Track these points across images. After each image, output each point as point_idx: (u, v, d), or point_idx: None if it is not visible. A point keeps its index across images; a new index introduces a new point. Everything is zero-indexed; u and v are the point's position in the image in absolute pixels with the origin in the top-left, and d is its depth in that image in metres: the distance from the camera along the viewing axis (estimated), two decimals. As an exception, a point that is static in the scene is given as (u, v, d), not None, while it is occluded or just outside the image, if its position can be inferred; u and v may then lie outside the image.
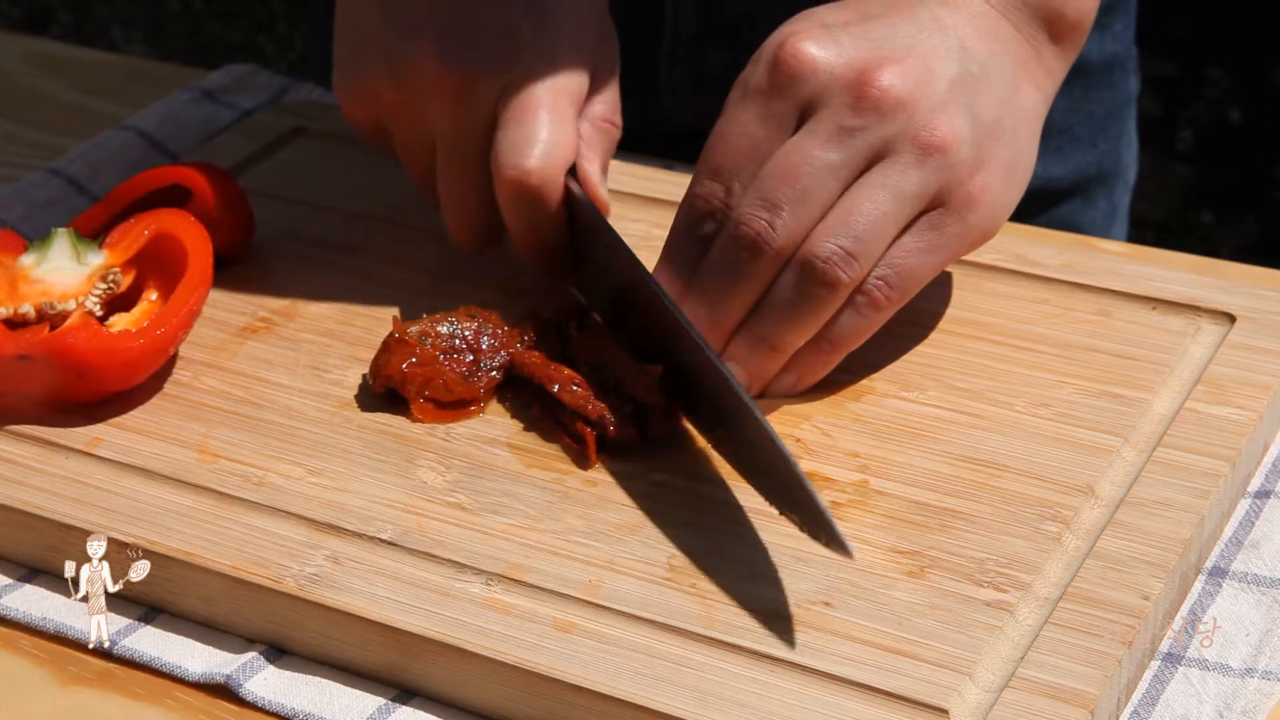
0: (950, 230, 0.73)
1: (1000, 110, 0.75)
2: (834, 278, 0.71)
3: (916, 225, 0.73)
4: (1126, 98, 1.09)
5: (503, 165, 0.77)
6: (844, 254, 0.71)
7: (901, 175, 0.72)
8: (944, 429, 0.73)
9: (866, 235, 0.71)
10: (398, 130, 0.82)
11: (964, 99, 0.74)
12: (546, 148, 0.76)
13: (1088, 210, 1.08)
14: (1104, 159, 1.07)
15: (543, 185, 0.77)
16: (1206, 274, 0.81)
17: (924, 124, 0.72)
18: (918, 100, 0.72)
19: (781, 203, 0.72)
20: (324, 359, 0.79)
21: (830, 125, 0.72)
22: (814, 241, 0.72)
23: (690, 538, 0.68)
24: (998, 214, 0.75)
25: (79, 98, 1.08)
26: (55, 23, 2.62)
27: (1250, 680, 0.64)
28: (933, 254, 0.73)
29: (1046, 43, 0.78)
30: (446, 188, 0.81)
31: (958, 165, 0.73)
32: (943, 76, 0.73)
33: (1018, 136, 0.76)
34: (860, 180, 0.72)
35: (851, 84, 0.72)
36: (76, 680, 0.67)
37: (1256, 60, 1.96)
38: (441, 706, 0.65)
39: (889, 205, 0.72)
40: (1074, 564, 0.66)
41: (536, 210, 0.77)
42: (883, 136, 0.72)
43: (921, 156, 0.72)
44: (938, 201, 0.73)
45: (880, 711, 0.61)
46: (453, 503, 0.70)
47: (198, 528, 0.70)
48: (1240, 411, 0.73)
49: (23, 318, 0.76)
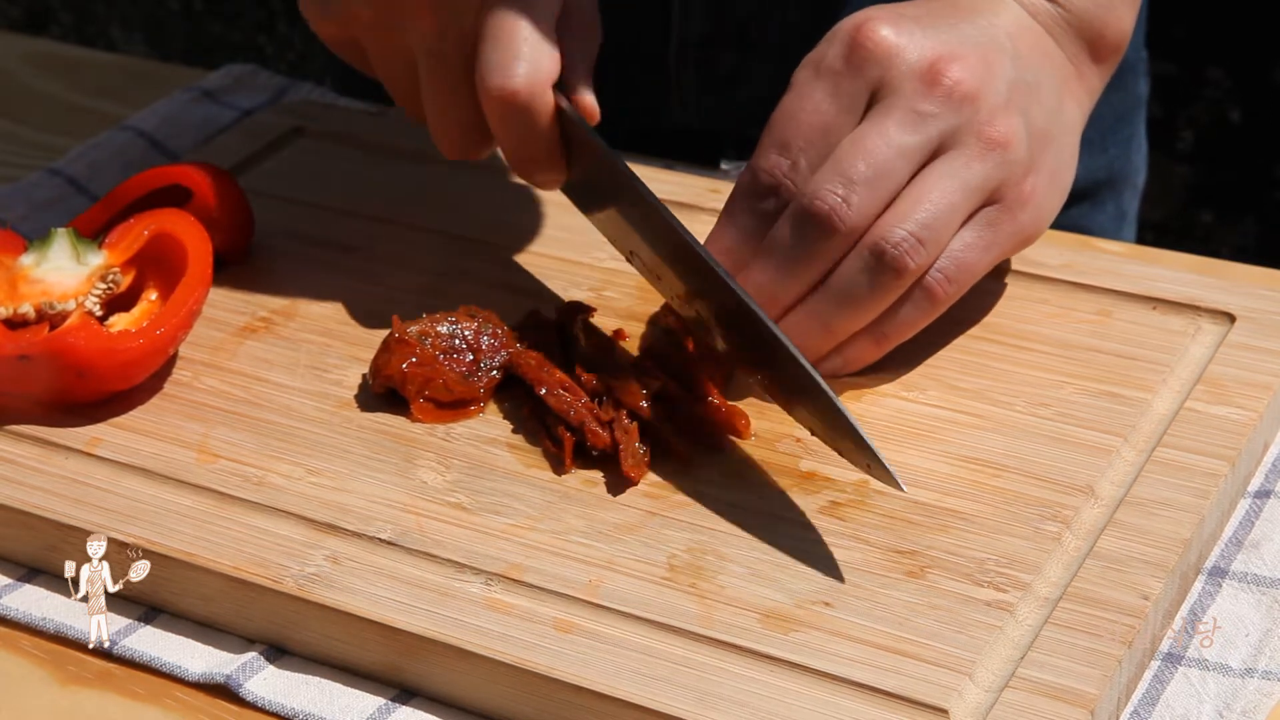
0: (1005, 228, 0.74)
1: (1049, 119, 0.77)
2: (903, 264, 0.72)
3: (974, 220, 0.74)
4: (1136, 100, 1.09)
5: (489, 85, 0.76)
6: (914, 240, 0.72)
7: (967, 167, 0.73)
8: (944, 429, 0.73)
9: (936, 223, 0.72)
10: (376, 49, 0.81)
11: (1021, 102, 0.75)
12: (531, 64, 0.76)
13: (1096, 215, 1.08)
14: (1114, 163, 1.08)
15: (530, 101, 0.76)
16: (1206, 274, 0.81)
17: (988, 120, 0.74)
18: (983, 96, 0.74)
19: (857, 180, 0.72)
20: (324, 359, 0.79)
21: (905, 108, 0.73)
22: (884, 226, 0.72)
23: (690, 538, 0.68)
24: (1044, 217, 0.76)
25: (79, 98, 1.08)
26: (55, 23, 2.62)
27: (1250, 680, 0.64)
28: (989, 250, 0.74)
29: (1088, 62, 0.80)
30: (432, 103, 0.80)
31: (1015, 164, 0.74)
32: (1003, 78, 0.75)
33: (1062, 146, 0.78)
34: (927, 169, 0.73)
35: (924, 72, 0.73)
36: (76, 680, 0.67)
37: (1256, 60, 1.96)
38: (441, 706, 0.65)
39: (957, 196, 0.73)
40: (1074, 564, 0.66)
41: (526, 126, 0.77)
42: (951, 126, 0.73)
43: (985, 150, 0.73)
44: (994, 198, 0.74)
45: (880, 711, 0.61)
46: (452, 502, 0.70)
47: (197, 528, 0.70)
48: (1240, 411, 0.73)
49: (23, 318, 0.76)
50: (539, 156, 0.78)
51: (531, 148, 0.77)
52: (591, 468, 0.72)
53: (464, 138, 0.80)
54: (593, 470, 0.72)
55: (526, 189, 0.90)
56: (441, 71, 0.78)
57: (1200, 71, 1.98)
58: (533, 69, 0.75)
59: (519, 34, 0.76)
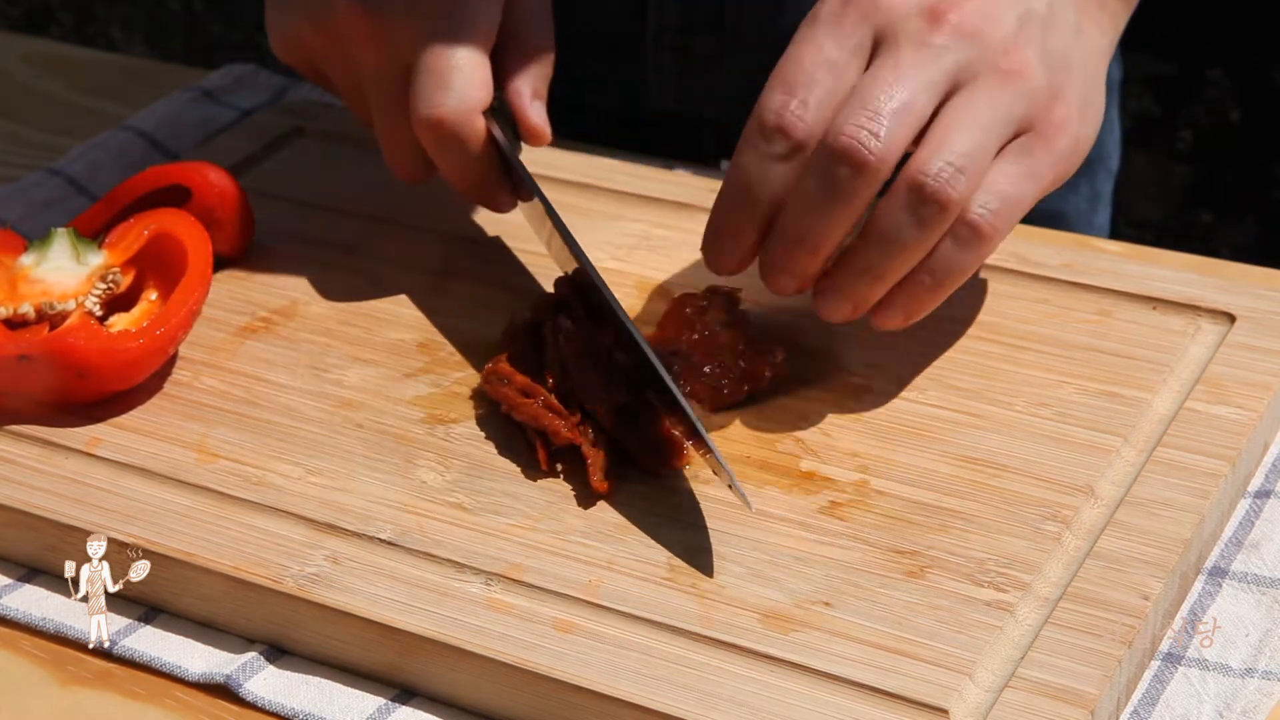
0: (1042, 157, 0.72)
1: (1068, 49, 0.75)
2: (945, 195, 0.69)
3: (1009, 151, 0.72)
4: (1110, 84, 1.09)
5: (418, 114, 0.78)
6: (954, 169, 0.69)
7: (990, 97, 0.71)
8: (944, 429, 0.73)
9: (973, 151, 0.70)
10: (331, 72, 0.83)
11: (1034, 35, 0.73)
12: (459, 91, 0.77)
13: (1070, 196, 1.08)
14: None
15: (457, 128, 0.77)
16: (1206, 274, 0.81)
17: (1001, 51, 0.72)
18: (990, 30, 0.72)
19: (883, 111, 0.69)
20: (324, 359, 0.79)
21: (914, 43, 0.71)
22: (921, 160, 0.70)
23: (690, 538, 0.68)
24: (1080, 146, 0.74)
25: (79, 98, 1.08)
26: (55, 23, 2.62)
27: (1250, 680, 0.64)
28: (1031, 180, 0.72)
29: None
30: (380, 128, 0.82)
31: (1036, 92, 0.72)
32: (1010, 13, 0.73)
33: (1087, 75, 0.75)
34: (950, 102, 0.71)
35: (926, 11, 0.72)
36: (76, 680, 0.67)
37: (1256, 60, 1.96)
38: (441, 706, 0.65)
39: (988, 125, 0.71)
40: (1074, 564, 0.66)
41: (458, 152, 0.78)
42: (965, 59, 0.71)
43: (1003, 81, 0.71)
44: (1024, 128, 0.72)
45: (880, 711, 0.61)
46: (452, 503, 0.70)
47: (197, 528, 0.70)
48: (1240, 411, 0.73)
49: (23, 318, 0.76)
50: (477, 181, 0.80)
51: (467, 173, 0.80)
52: (577, 466, 0.72)
53: (410, 162, 0.82)
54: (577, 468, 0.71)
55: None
56: (386, 100, 0.81)
57: (1200, 71, 1.98)
58: (460, 98, 0.77)
59: (447, 64, 0.78)
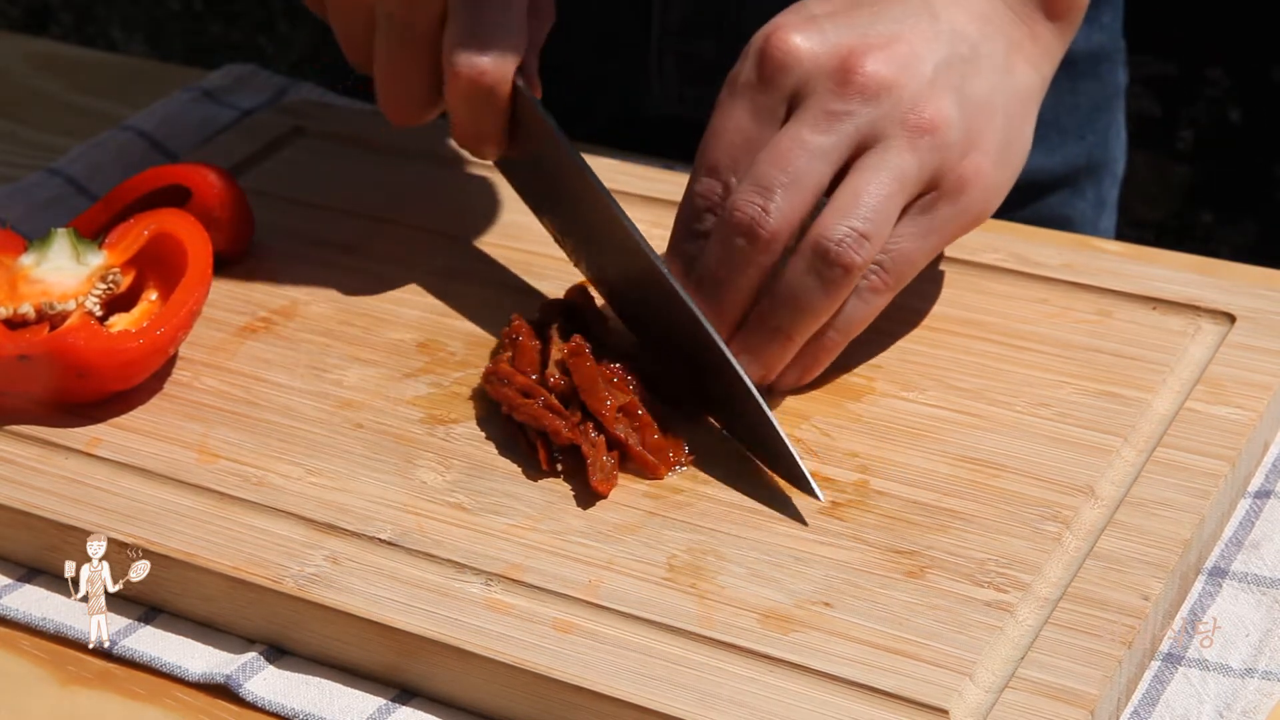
0: (944, 213, 0.74)
1: (991, 91, 0.75)
2: (848, 260, 0.71)
3: (910, 210, 0.74)
4: (1114, 90, 1.09)
5: (458, 64, 0.76)
6: (856, 235, 0.71)
7: (899, 157, 0.72)
8: (944, 429, 0.73)
9: (875, 216, 0.72)
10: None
11: (952, 82, 0.74)
12: (502, 45, 0.76)
13: (1075, 202, 1.08)
14: (1092, 151, 1.08)
15: (496, 84, 0.77)
16: (1206, 274, 0.81)
17: (911, 107, 0.73)
18: (903, 84, 0.73)
19: (774, 186, 0.72)
20: (324, 359, 0.79)
21: (817, 110, 0.73)
22: (824, 225, 0.72)
23: (690, 538, 0.68)
24: (991, 195, 0.75)
25: (79, 98, 1.08)
26: (55, 23, 2.62)
27: (1250, 680, 0.64)
28: (928, 237, 0.74)
29: (1042, 21, 0.79)
30: (386, 66, 0.79)
31: (949, 147, 0.73)
32: (929, 60, 0.74)
33: (1011, 117, 0.76)
34: (857, 164, 0.73)
35: (835, 70, 0.73)
36: (76, 680, 0.67)
37: (1256, 60, 1.96)
38: (441, 706, 0.65)
39: (892, 186, 0.72)
40: (1074, 564, 0.66)
41: (487, 106, 0.77)
42: (870, 121, 0.73)
43: (912, 139, 0.73)
44: (931, 185, 0.74)
45: (880, 711, 0.61)
46: (452, 503, 0.70)
47: (197, 528, 0.70)
48: (1240, 411, 0.73)
49: (23, 318, 0.76)
50: (488, 133, 0.79)
51: (484, 125, 0.78)
52: (577, 466, 0.72)
53: (412, 104, 0.80)
54: (577, 468, 0.71)
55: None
56: (404, 38, 0.78)
57: (1200, 71, 1.98)
58: (502, 53, 0.76)
59: (493, 18, 0.76)
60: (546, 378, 0.73)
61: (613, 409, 0.72)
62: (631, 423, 0.72)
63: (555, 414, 0.72)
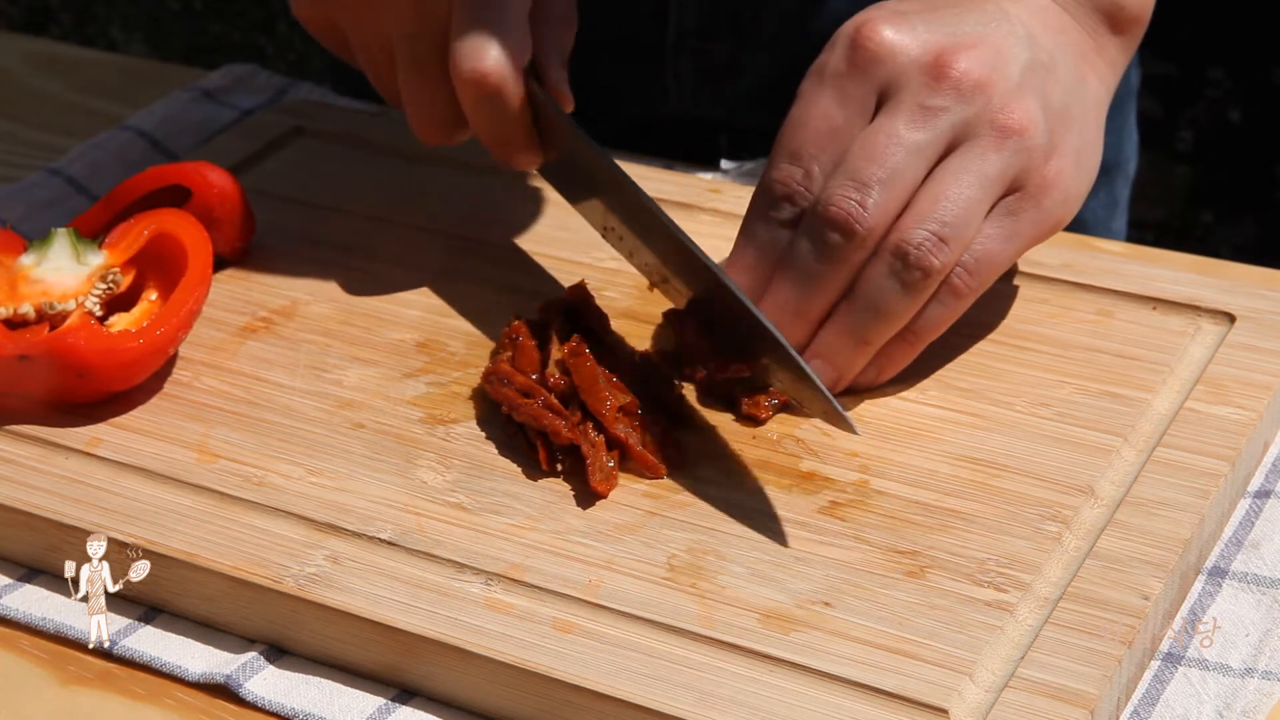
0: (1027, 216, 0.74)
1: (1068, 98, 0.76)
2: (928, 264, 0.71)
3: (994, 211, 0.73)
4: (1127, 91, 1.09)
5: (461, 68, 0.76)
6: (936, 240, 0.71)
7: (983, 159, 0.72)
8: (944, 429, 0.73)
9: (957, 220, 0.72)
10: (354, 32, 0.82)
11: (1036, 85, 0.74)
12: (502, 48, 0.76)
13: (1089, 201, 1.08)
14: (1106, 151, 1.08)
15: (501, 85, 0.77)
16: (1206, 274, 0.81)
17: (1001, 107, 0.73)
18: (994, 83, 0.73)
19: (871, 182, 0.72)
20: (324, 359, 0.79)
21: (912, 105, 0.73)
22: (904, 229, 0.72)
23: (690, 538, 0.68)
24: (1071, 200, 0.76)
25: (79, 98, 1.08)
26: (55, 23, 2.62)
27: (1250, 680, 0.64)
28: (1011, 240, 0.74)
29: (1107, 34, 0.79)
30: (409, 88, 0.80)
31: (1034, 150, 0.73)
32: (1015, 62, 0.74)
33: (1085, 125, 0.77)
34: (942, 165, 0.73)
35: (929, 66, 0.73)
36: (76, 680, 0.67)
37: (1256, 60, 1.96)
38: (441, 706, 0.65)
39: (975, 190, 0.72)
40: (1074, 564, 0.66)
41: (499, 109, 0.77)
42: (963, 118, 0.73)
43: (1000, 139, 0.73)
44: (1015, 187, 0.74)
45: (880, 711, 0.61)
46: (453, 503, 0.70)
47: (198, 528, 0.70)
48: (1240, 411, 0.73)
49: (23, 318, 0.76)
50: (512, 139, 0.79)
51: (504, 130, 0.78)
52: (577, 466, 0.72)
53: (440, 123, 0.80)
54: (577, 468, 0.71)
55: (526, 188, 0.90)
56: (418, 56, 0.79)
57: (1200, 71, 1.98)
58: (504, 53, 0.76)
59: (491, 19, 0.76)
60: (546, 378, 0.74)
61: (613, 409, 0.72)
62: (631, 422, 0.72)
63: (555, 414, 0.72)
